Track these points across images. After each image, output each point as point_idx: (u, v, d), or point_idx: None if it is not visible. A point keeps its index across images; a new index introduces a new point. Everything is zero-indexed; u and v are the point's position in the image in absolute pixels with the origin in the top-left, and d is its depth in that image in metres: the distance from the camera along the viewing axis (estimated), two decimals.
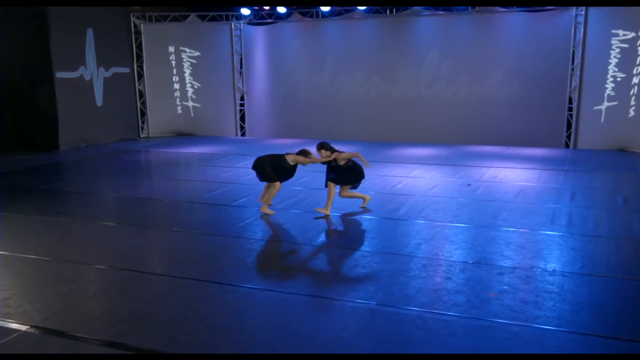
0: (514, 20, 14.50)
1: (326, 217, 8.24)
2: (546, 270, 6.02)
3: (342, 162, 8.24)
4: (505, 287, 5.61)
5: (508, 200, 9.02)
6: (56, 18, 14.27)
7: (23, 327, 4.97)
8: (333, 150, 8.29)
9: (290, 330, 4.93)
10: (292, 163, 8.40)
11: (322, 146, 8.35)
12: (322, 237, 7.45)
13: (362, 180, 8.56)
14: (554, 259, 6.38)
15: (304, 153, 8.42)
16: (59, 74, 14.55)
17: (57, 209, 9.20)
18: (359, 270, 6.20)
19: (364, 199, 8.69)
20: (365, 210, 8.52)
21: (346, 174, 8.33)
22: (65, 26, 14.56)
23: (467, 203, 8.92)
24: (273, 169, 8.36)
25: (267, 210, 8.48)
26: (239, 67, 17.01)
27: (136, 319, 5.12)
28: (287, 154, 8.46)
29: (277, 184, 8.43)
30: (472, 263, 6.26)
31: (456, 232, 7.45)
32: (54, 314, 5.26)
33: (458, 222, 7.88)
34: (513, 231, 7.40)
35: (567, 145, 14.44)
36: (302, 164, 8.45)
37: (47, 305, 5.47)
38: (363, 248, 6.99)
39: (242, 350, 4.52)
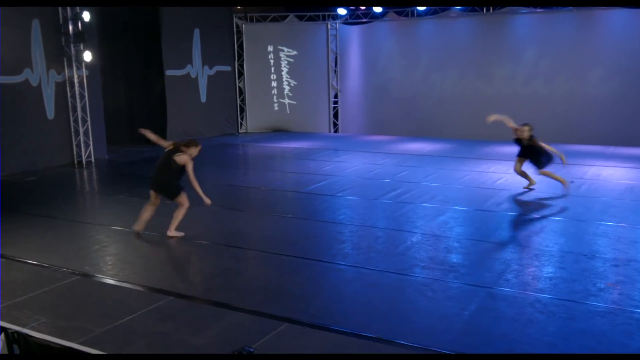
0: (615, 16, 14.13)
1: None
2: None
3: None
4: (622, 278, 5.70)
5: (615, 197, 8.95)
6: (167, 19, 15.27)
7: (169, 297, 5.53)
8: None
9: (412, 307, 5.27)
10: (181, 164, 7.04)
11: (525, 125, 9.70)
12: (433, 226, 7.67)
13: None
14: None
15: (193, 144, 7.20)
16: (169, 72, 15.56)
17: None
18: (471, 257, 6.46)
19: (531, 181, 9.67)
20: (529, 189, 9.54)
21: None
22: (174, 26, 15.55)
23: (572, 199, 8.91)
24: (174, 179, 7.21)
25: (175, 233, 7.32)
26: (333, 65, 17.49)
27: (270, 292, 5.62)
28: (174, 153, 7.07)
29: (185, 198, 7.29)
30: (585, 255, 6.36)
31: (565, 226, 7.52)
32: (193, 285, 5.86)
33: (565, 217, 7.94)
34: (624, 227, 7.39)
35: None
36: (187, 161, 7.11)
37: (185, 276, 6.08)
38: (471, 237, 7.21)
39: (373, 322, 4.90)
